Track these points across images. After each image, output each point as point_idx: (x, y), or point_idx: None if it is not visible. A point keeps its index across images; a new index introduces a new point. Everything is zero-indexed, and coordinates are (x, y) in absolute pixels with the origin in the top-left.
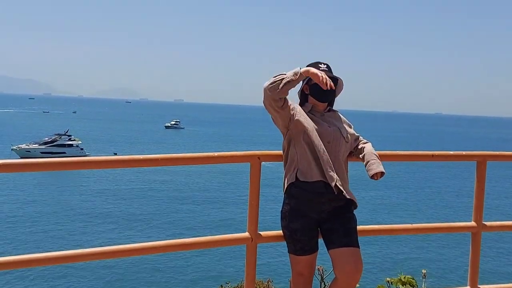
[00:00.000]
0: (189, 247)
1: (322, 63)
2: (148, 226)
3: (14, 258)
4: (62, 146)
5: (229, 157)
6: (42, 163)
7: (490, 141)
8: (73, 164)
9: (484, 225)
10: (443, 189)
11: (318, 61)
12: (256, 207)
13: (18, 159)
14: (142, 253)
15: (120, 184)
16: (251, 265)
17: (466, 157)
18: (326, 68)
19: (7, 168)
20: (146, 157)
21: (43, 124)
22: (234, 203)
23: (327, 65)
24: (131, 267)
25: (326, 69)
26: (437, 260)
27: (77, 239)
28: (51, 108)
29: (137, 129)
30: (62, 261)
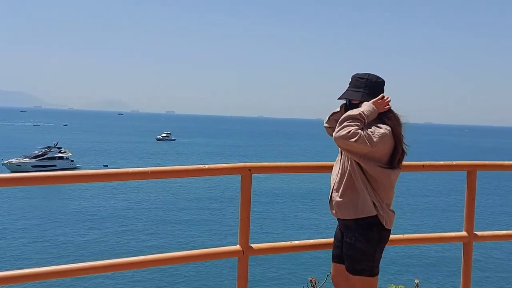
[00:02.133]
0: (179, 261)
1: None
2: (138, 239)
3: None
4: (52, 159)
5: (220, 170)
6: (32, 177)
7: (481, 150)
8: (62, 178)
9: (475, 235)
10: (435, 199)
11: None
12: (247, 219)
13: (8, 174)
14: (131, 268)
15: (110, 197)
16: (243, 278)
17: (456, 167)
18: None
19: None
20: (135, 170)
21: (34, 137)
22: (225, 215)
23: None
24: (120, 282)
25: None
26: (430, 270)
27: (65, 253)
28: (42, 121)
29: (128, 141)
30: (49, 276)
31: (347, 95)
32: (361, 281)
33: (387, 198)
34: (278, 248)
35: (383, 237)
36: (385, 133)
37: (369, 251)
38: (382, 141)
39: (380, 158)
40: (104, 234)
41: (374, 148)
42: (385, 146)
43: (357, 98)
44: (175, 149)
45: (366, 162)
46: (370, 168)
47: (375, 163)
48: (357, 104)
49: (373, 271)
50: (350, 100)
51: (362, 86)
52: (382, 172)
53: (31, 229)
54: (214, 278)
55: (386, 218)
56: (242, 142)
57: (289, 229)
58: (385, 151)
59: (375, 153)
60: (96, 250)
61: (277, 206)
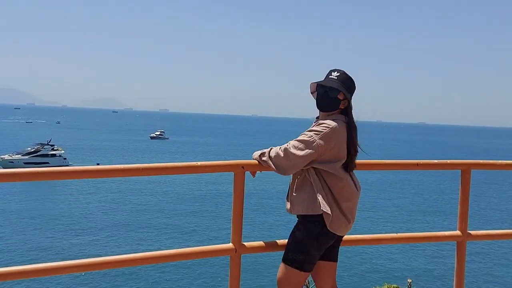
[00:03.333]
0: (171, 259)
1: (335, 70)
2: (129, 237)
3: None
4: (45, 156)
5: (213, 167)
6: (24, 173)
7: (474, 150)
8: (55, 174)
9: (469, 234)
10: (429, 198)
11: (332, 69)
12: (240, 217)
13: (0, 170)
14: (122, 266)
15: (102, 194)
16: (235, 276)
17: (451, 166)
18: (335, 78)
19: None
20: (127, 167)
21: (27, 134)
22: (218, 213)
23: (340, 72)
24: (109, 280)
25: (335, 78)
26: (423, 269)
27: (57, 250)
28: (35, 118)
29: (122, 139)
30: (40, 274)
31: (337, 85)
32: (286, 270)
33: (344, 200)
34: (271, 247)
35: (324, 234)
36: (315, 137)
37: (305, 243)
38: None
39: (328, 159)
40: (94, 231)
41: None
42: (323, 148)
43: (346, 95)
44: (169, 147)
45: (317, 164)
46: (322, 169)
47: (324, 165)
48: (340, 101)
49: (303, 265)
50: (338, 93)
51: (350, 87)
52: (331, 173)
53: (16, 225)
54: (207, 276)
55: (332, 219)
56: (236, 140)
57: (283, 228)
58: (328, 151)
59: (320, 155)
60: (86, 248)
61: (271, 204)
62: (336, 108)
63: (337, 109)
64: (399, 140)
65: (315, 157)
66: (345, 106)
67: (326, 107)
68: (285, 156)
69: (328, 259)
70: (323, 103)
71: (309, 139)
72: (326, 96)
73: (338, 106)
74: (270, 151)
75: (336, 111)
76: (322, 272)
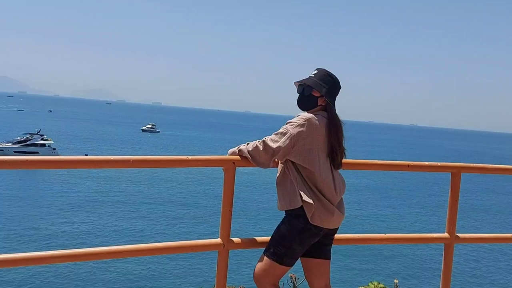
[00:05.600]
0: (159, 252)
1: (316, 69)
2: (116, 229)
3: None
4: (34, 145)
5: (204, 161)
6: (13, 161)
7: (464, 154)
8: (44, 163)
9: (457, 236)
10: (419, 200)
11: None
12: (229, 212)
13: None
14: (108, 257)
15: (90, 186)
16: (222, 271)
17: (441, 168)
18: (313, 75)
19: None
20: (117, 158)
21: (17, 122)
22: (208, 208)
23: (319, 70)
24: (94, 272)
25: (312, 75)
26: (410, 271)
27: (40, 240)
28: (26, 107)
29: (113, 131)
30: (25, 263)
31: (311, 83)
32: (265, 262)
33: (323, 193)
34: (259, 243)
35: (308, 229)
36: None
37: (288, 237)
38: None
39: (302, 150)
40: (80, 223)
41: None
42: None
43: (321, 91)
44: (160, 140)
45: (293, 157)
46: (298, 163)
47: (299, 157)
48: (316, 98)
49: (283, 259)
50: (312, 90)
51: (328, 83)
52: (307, 167)
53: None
54: (195, 271)
55: (313, 212)
56: (228, 136)
57: (272, 224)
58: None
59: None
60: (72, 239)
61: (261, 201)
62: (314, 106)
63: (316, 107)
64: (390, 141)
65: (291, 148)
66: (326, 103)
67: (302, 105)
68: (264, 149)
69: (320, 256)
70: (300, 101)
71: (284, 131)
72: (302, 94)
73: (315, 103)
74: (248, 145)
75: (316, 108)
76: (314, 270)
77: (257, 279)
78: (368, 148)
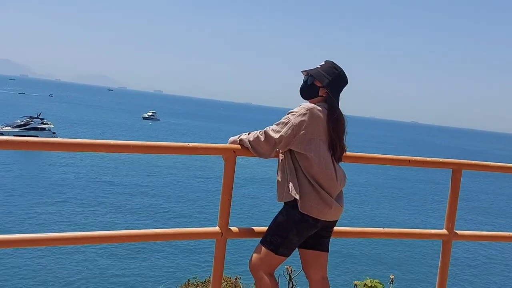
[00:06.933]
0: (156, 238)
1: (325, 60)
2: (114, 214)
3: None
4: (34, 129)
5: (204, 149)
6: (12, 141)
7: (466, 153)
8: (43, 144)
9: (455, 233)
10: (419, 195)
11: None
12: (228, 201)
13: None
14: (106, 242)
15: (87, 170)
16: (219, 260)
17: (442, 164)
18: (319, 66)
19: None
20: (117, 143)
21: (18, 105)
22: (207, 196)
23: (326, 62)
24: (92, 256)
25: (319, 66)
26: (407, 266)
27: (40, 224)
28: (27, 90)
29: (113, 117)
30: (22, 244)
31: (314, 72)
32: (261, 250)
33: (321, 185)
34: (257, 233)
35: (305, 221)
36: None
37: (285, 227)
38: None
39: (303, 139)
40: (78, 207)
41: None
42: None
43: (322, 82)
44: (160, 128)
45: (294, 146)
46: (298, 151)
47: (299, 146)
48: (318, 88)
49: (278, 249)
50: (314, 80)
51: (332, 75)
52: (306, 157)
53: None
54: (192, 259)
55: (305, 204)
56: (228, 126)
57: (270, 215)
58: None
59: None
60: (67, 222)
61: (260, 191)
62: (314, 96)
63: (317, 97)
64: (391, 137)
65: (292, 137)
66: (327, 95)
67: (304, 93)
68: (265, 139)
69: (317, 248)
70: (301, 89)
71: (285, 120)
72: (305, 83)
73: (316, 93)
74: (249, 135)
75: (317, 98)
76: (312, 261)
77: (252, 268)
78: (369, 144)
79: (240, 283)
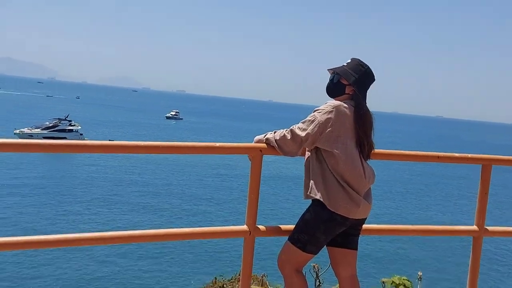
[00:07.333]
0: (186, 237)
1: (352, 58)
2: (143, 214)
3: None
4: (62, 131)
5: (231, 149)
6: (42, 144)
7: (492, 147)
8: (73, 147)
9: (486, 229)
10: (448, 192)
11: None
12: (256, 200)
13: (17, 139)
14: (135, 241)
15: (116, 172)
16: (248, 258)
17: (472, 160)
18: (346, 64)
19: (8, 147)
20: (147, 144)
21: (46, 108)
22: (234, 195)
23: (353, 59)
24: (121, 254)
25: (345, 64)
26: (437, 263)
27: (70, 223)
28: (55, 93)
29: (138, 118)
30: (56, 244)
31: (340, 70)
32: (289, 248)
33: (349, 183)
34: (285, 231)
35: (334, 219)
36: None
37: (312, 225)
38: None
39: (329, 137)
40: (109, 208)
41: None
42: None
43: (348, 80)
44: (184, 127)
45: (320, 143)
46: (324, 149)
47: (326, 143)
48: (344, 86)
49: (306, 246)
50: (340, 78)
51: (358, 73)
52: (333, 155)
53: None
54: (220, 258)
55: (333, 202)
56: (252, 125)
57: (297, 213)
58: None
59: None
60: (96, 223)
61: (286, 189)
62: (341, 93)
63: (343, 94)
64: (416, 132)
65: (319, 135)
66: (353, 92)
67: (330, 91)
68: (291, 138)
69: (346, 246)
70: (328, 88)
71: (312, 118)
72: (331, 81)
73: (342, 91)
74: (275, 134)
75: (344, 96)
76: (341, 259)
77: (281, 265)
78: (394, 139)
79: (266, 280)
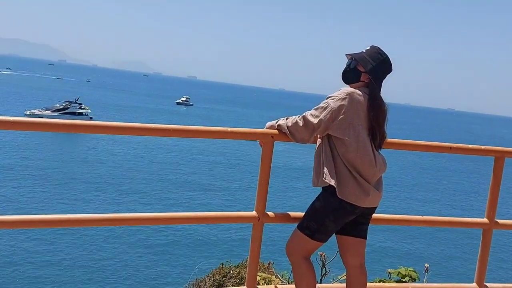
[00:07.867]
0: (196, 221)
1: (371, 46)
2: (153, 198)
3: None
4: (72, 113)
5: (243, 134)
6: (52, 123)
7: (504, 141)
8: (84, 127)
9: (496, 222)
10: (459, 183)
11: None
12: (266, 186)
13: (27, 118)
14: (146, 223)
15: (128, 155)
16: (256, 244)
17: (485, 152)
18: (364, 50)
19: (18, 126)
20: (157, 127)
21: (56, 90)
22: (244, 181)
23: (372, 47)
24: (128, 236)
25: (364, 51)
26: (445, 255)
27: (79, 205)
28: (65, 75)
29: (148, 102)
30: (64, 224)
31: (358, 56)
32: (297, 235)
33: (359, 171)
34: (294, 218)
35: (343, 207)
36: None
37: (321, 213)
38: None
39: (341, 125)
40: (119, 190)
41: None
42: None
43: (365, 67)
44: (194, 113)
45: (332, 131)
46: (336, 136)
47: (337, 130)
48: (360, 73)
49: (314, 234)
50: (357, 64)
51: (376, 61)
52: (344, 142)
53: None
54: (228, 242)
55: (343, 190)
56: (263, 112)
57: (308, 200)
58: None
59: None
60: (109, 204)
61: (298, 176)
62: (356, 80)
63: (358, 81)
64: (428, 124)
65: (331, 122)
66: (369, 80)
67: (345, 77)
68: (304, 124)
69: (355, 235)
70: (344, 73)
71: (325, 105)
72: (348, 67)
73: (358, 78)
74: (287, 120)
75: (359, 83)
76: (350, 248)
77: (289, 252)
78: (405, 132)
79: (273, 267)
